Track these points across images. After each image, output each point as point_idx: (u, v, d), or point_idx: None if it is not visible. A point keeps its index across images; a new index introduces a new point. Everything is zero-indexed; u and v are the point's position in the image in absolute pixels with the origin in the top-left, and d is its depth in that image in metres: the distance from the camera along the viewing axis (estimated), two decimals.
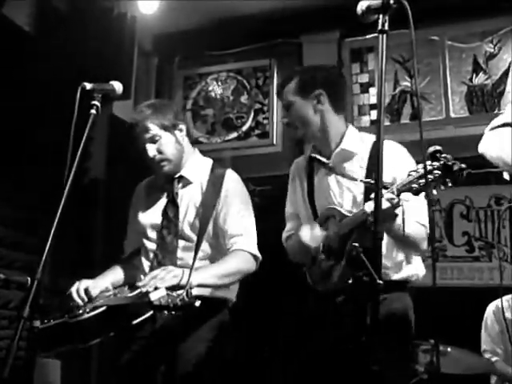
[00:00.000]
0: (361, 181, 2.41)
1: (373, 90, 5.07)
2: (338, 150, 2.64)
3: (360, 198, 2.51)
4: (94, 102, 2.34)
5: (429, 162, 1.97)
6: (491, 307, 4.03)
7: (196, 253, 2.64)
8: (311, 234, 2.51)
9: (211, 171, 2.82)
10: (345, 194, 2.58)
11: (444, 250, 4.79)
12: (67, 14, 4.49)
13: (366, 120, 5.05)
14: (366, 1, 1.77)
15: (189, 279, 2.40)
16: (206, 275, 2.52)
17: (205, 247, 2.70)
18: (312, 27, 5.10)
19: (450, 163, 1.96)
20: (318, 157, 2.67)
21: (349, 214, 2.42)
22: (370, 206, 2.19)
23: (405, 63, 4.98)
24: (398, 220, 2.23)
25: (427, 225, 2.45)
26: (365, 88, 5.11)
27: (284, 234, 2.86)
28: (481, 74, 4.79)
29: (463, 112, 4.80)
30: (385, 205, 2.07)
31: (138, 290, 2.30)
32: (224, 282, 2.61)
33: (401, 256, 2.55)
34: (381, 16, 1.71)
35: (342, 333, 2.41)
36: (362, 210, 2.29)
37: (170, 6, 4.89)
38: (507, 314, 3.97)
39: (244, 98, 5.45)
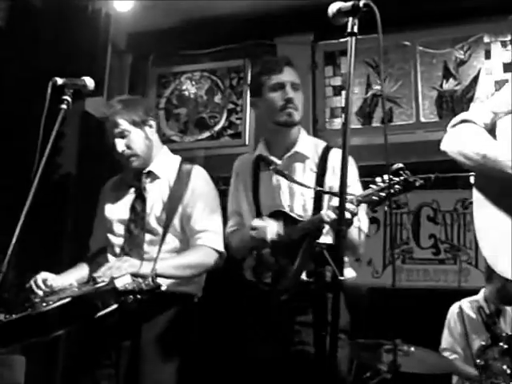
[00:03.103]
0: (314, 189, 2.48)
1: (345, 93, 5.12)
2: (292, 153, 2.68)
3: (310, 203, 2.56)
4: (64, 97, 2.36)
5: (389, 177, 2.09)
6: (455, 308, 4.11)
7: (160, 246, 2.67)
8: (266, 226, 2.51)
9: (179, 167, 2.85)
10: (296, 198, 2.61)
11: (411, 252, 4.88)
12: (41, 10, 4.47)
13: (337, 122, 5.10)
14: (337, 3, 1.81)
15: (154, 266, 2.45)
16: (165, 265, 2.56)
17: (172, 241, 2.74)
18: (286, 29, 5.13)
19: (411, 179, 2.07)
20: (272, 158, 2.70)
21: (300, 219, 2.47)
22: (328, 215, 2.25)
23: (377, 67, 5.04)
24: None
25: (366, 231, 2.54)
26: (337, 91, 5.16)
27: (227, 230, 2.84)
28: (451, 80, 4.87)
29: (433, 117, 4.87)
30: (345, 214, 2.07)
31: (100, 280, 2.32)
32: (183, 273, 2.65)
33: None
34: (350, 19, 1.74)
35: (287, 332, 2.46)
36: (318, 217, 2.33)
37: (144, 4, 4.89)
38: (471, 315, 4.06)
39: (217, 98, 5.46)
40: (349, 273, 2.63)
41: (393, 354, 3.42)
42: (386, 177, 2.13)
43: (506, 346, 3.38)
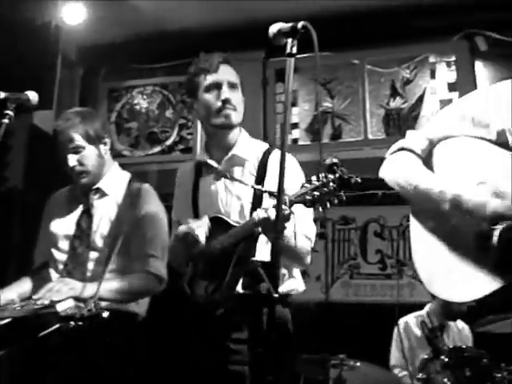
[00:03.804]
0: (252, 187, 2.32)
1: (295, 110, 5.19)
2: (230, 156, 2.51)
3: (248, 207, 2.40)
4: (6, 112, 2.33)
5: (323, 175, 1.94)
6: (401, 323, 4.18)
7: (106, 265, 2.63)
8: (198, 226, 2.33)
9: (128, 185, 2.83)
10: (233, 203, 2.45)
11: (358, 267, 4.95)
12: None
13: (288, 138, 5.16)
14: (278, 24, 1.83)
15: (97, 291, 2.41)
16: (107, 289, 2.53)
17: (116, 261, 2.70)
18: (238, 45, 5.17)
19: (345, 176, 1.92)
20: (209, 161, 2.53)
21: (236, 225, 2.31)
22: (258, 214, 2.12)
23: (326, 84, 5.13)
24: (287, 232, 2.18)
25: (313, 239, 2.40)
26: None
27: (170, 243, 2.64)
28: (397, 99, 4.99)
29: (380, 134, 4.98)
30: (274, 215, 2.00)
31: (40, 303, 2.27)
32: (124, 298, 2.63)
33: (283, 270, 2.43)
34: (290, 40, 1.77)
35: (226, 346, 2.34)
36: (251, 219, 2.20)
37: (96, 17, 4.87)
38: (416, 330, 4.14)
39: (169, 113, 5.47)
40: (299, 285, 2.50)
41: (339, 369, 3.47)
42: (320, 175, 1.98)
43: (447, 360, 3.45)
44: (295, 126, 5.18)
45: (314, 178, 1.99)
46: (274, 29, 1.82)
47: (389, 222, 4.91)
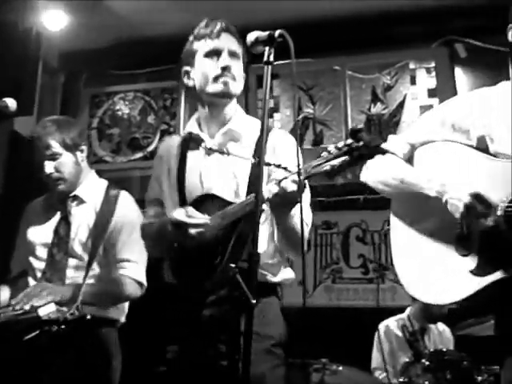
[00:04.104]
0: (268, 163, 2.00)
1: (277, 116, 5.22)
2: (225, 130, 2.29)
3: (243, 187, 2.18)
4: None
5: (347, 142, 1.75)
6: (382, 327, 4.21)
7: (87, 272, 2.64)
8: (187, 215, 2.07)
9: (106, 192, 2.83)
10: (227, 181, 2.21)
11: (341, 271, 4.97)
12: None
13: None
14: (255, 33, 1.84)
15: (79, 294, 2.41)
16: (87, 293, 2.53)
17: (96, 267, 2.71)
18: None
19: (372, 144, 1.74)
20: (202, 134, 2.31)
21: (234, 201, 2.08)
22: (271, 190, 1.91)
23: (308, 90, 5.16)
24: (293, 211, 2.00)
25: (310, 225, 2.20)
26: (270, 113, 5.25)
27: (143, 221, 2.40)
28: (378, 104, 5.03)
29: None
30: (290, 187, 1.86)
31: (19, 308, 2.27)
32: (102, 303, 2.65)
33: (278, 257, 2.25)
34: (267, 48, 1.78)
35: (212, 346, 2.12)
36: (251, 196, 1.99)
37: (78, 23, 4.86)
38: (397, 333, 4.17)
39: (151, 119, 5.47)
40: (288, 273, 2.29)
41: (321, 373, 3.49)
42: (340, 144, 1.78)
43: (427, 363, 3.48)
44: None
45: (331, 147, 1.81)
46: (251, 37, 1.83)
47: (371, 227, 4.94)
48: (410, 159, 2.17)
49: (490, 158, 1.95)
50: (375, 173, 2.17)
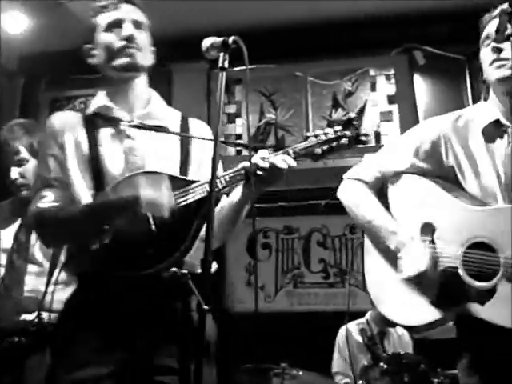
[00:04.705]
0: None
1: (239, 121, 5.24)
2: (146, 112, 2.08)
3: (177, 168, 2.02)
4: None
5: (338, 128, 1.88)
6: (342, 331, 4.23)
7: (49, 279, 2.61)
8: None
9: None
10: (160, 164, 1.99)
11: (302, 276, 5.01)
12: None
13: (231, 150, 5.20)
14: (210, 38, 1.85)
15: (41, 303, 2.39)
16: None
17: (57, 273, 2.68)
18: (183, 56, 5.18)
19: (362, 135, 1.88)
20: (119, 112, 2.06)
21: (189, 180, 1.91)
22: (257, 163, 1.85)
23: (270, 96, 5.19)
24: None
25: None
26: (232, 118, 5.26)
27: (38, 204, 1.99)
28: (339, 110, 5.08)
29: None
30: (280, 164, 1.87)
31: None
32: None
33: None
34: (221, 54, 1.79)
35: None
36: (242, 166, 1.91)
37: (38, 25, 4.81)
38: (357, 338, 4.20)
39: None
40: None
41: (281, 378, 3.50)
42: (329, 130, 1.89)
43: (385, 366, 3.52)
44: (239, 137, 5.22)
45: (319, 131, 1.92)
46: (206, 43, 1.83)
47: (332, 232, 5.00)
48: (380, 188, 2.17)
49: (455, 201, 1.96)
50: (348, 200, 2.17)
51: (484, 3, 2.00)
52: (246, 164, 1.89)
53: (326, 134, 1.91)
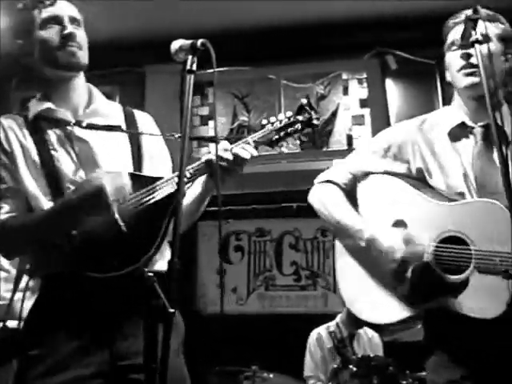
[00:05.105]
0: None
1: (212, 123, 5.22)
2: (91, 110, 2.04)
3: (130, 165, 1.99)
4: None
5: (290, 114, 1.97)
6: (314, 334, 4.25)
7: (15, 286, 2.57)
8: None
9: None
10: (115, 161, 1.97)
11: (274, 279, 5.02)
12: None
13: (204, 152, 5.18)
14: (179, 41, 1.84)
15: (8, 311, 2.35)
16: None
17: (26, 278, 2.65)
18: (156, 58, 5.16)
19: (314, 119, 1.95)
20: (64, 112, 2.00)
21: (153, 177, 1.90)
22: (224, 155, 1.87)
23: (243, 98, 5.19)
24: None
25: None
26: (205, 120, 5.25)
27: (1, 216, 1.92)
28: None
29: (295, 148, 5.07)
30: (243, 154, 1.91)
31: None
32: None
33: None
34: (190, 57, 1.78)
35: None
36: (206, 159, 1.91)
37: (8, 25, 4.75)
38: (326, 341, 4.22)
39: None
40: (160, 266, 1.88)
41: (252, 380, 3.50)
42: (282, 117, 1.98)
43: (355, 369, 3.55)
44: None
45: (273, 118, 2.00)
46: (175, 45, 1.82)
47: (304, 235, 5.01)
48: (352, 190, 2.19)
49: (425, 198, 1.99)
50: (318, 203, 2.19)
51: (454, 9, 2.03)
52: (210, 156, 1.90)
53: (280, 121, 1.99)
